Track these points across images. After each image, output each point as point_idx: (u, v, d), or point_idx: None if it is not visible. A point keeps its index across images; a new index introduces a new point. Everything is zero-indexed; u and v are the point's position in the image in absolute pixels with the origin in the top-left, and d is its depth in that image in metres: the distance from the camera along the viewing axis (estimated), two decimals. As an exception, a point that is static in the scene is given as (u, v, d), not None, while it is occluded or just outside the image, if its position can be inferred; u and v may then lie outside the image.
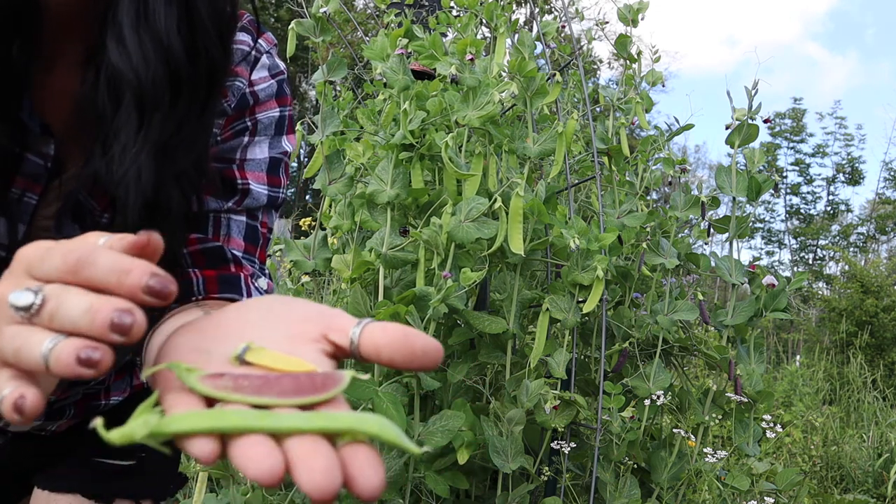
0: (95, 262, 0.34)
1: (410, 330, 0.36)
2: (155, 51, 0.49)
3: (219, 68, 0.55)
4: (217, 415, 0.31)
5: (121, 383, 0.77)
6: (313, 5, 1.45)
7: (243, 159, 0.67)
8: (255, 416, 0.31)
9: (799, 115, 18.93)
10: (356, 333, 0.37)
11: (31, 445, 0.75)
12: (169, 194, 0.53)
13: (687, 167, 1.83)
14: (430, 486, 1.40)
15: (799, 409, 4.12)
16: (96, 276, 0.34)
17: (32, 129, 0.54)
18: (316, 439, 0.31)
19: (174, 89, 0.51)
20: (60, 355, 0.31)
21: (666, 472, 1.66)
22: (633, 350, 1.73)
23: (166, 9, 0.50)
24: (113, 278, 0.33)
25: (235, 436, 0.31)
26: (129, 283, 0.33)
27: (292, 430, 0.31)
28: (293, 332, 0.39)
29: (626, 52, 1.90)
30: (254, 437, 0.31)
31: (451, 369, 1.53)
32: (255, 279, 0.68)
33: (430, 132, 1.55)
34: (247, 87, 0.67)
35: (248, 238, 0.68)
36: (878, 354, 6.09)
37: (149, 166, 0.50)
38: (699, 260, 1.80)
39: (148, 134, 0.50)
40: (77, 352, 0.31)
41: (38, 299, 0.33)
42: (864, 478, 3.25)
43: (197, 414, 0.32)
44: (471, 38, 1.62)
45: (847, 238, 17.05)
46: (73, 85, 0.55)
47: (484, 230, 1.45)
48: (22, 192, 0.56)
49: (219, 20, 0.54)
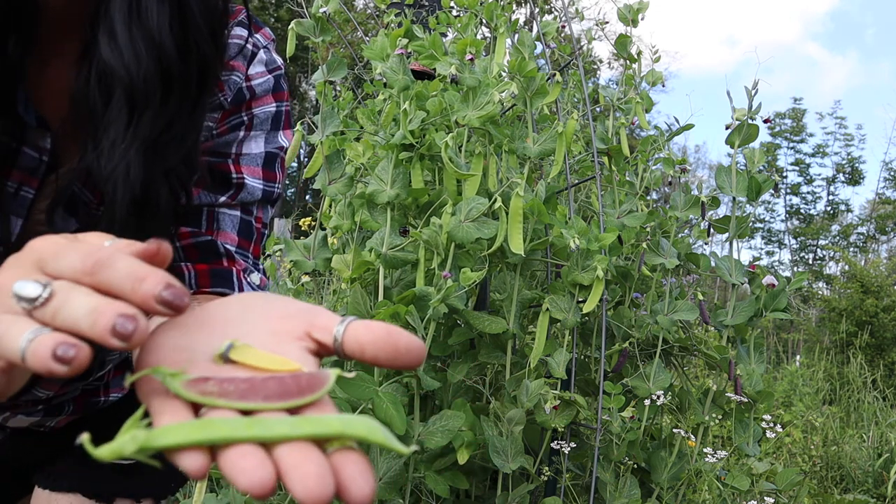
0: (113, 265, 0.34)
1: (394, 328, 0.36)
2: (147, 48, 0.49)
3: (210, 65, 0.55)
4: (205, 425, 0.31)
5: (119, 379, 0.77)
6: (313, 5, 1.45)
7: (239, 153, 0.67)
8: (244, 425, 0.31)
9: (799, 115, 18.94)
10: (340, 331, 0.37)
11: (30, 442, 0.75)
12: (157, 191, 0.52)
13: (687, 167, 1.83)
14: (430, 486, 1.40)
15: (799, 409, 4.12)
16: (112, 280, 0.34)
17: (29, 123, 0.54)
18: (306, 446, 0.31)
19: (165, 87, 0.51)
20: (38, 349, 0.31)
21: (666, 472, 1.66)
22: (633, 350, 1.73)
23: (158, 6, 0.50)
24: (128, 284, 0.33)
25: (224, 446, 0.30)
26: (143, 290, 0.33)
27: (281, 438, 0.31)
28: (276, 329, 0.38)
29: (626, 52, 1.90)
30: (243, 448, 0.30)
31: (451, 369, 1.53)
32: (248, 274, 0.68)
33: (430, 132, 1.55)
34: (243, 82, 0.67)
35: (241, 233, 0.68)
36: (878, 354, 6.09)
37: (137, 163, 0.50)
38: (699, 260, 1.81)
39: (137, 131, 0.50)
40: (54, 347, 0.31)
41: (46, 293, 0.33)
42: (864, 478, 3.25)
43: (185, 426, 0.31)
44: (471, 38, 1.62)
45: (847, 238, 17.05)
46: (70, 80, 0.55)
47: (484, 230, 1.45)
48: (19, 185, 0.56)
49: (211, 17, 0.54)
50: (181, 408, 0.33)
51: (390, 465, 1.33)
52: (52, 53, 0.56)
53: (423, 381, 1.37)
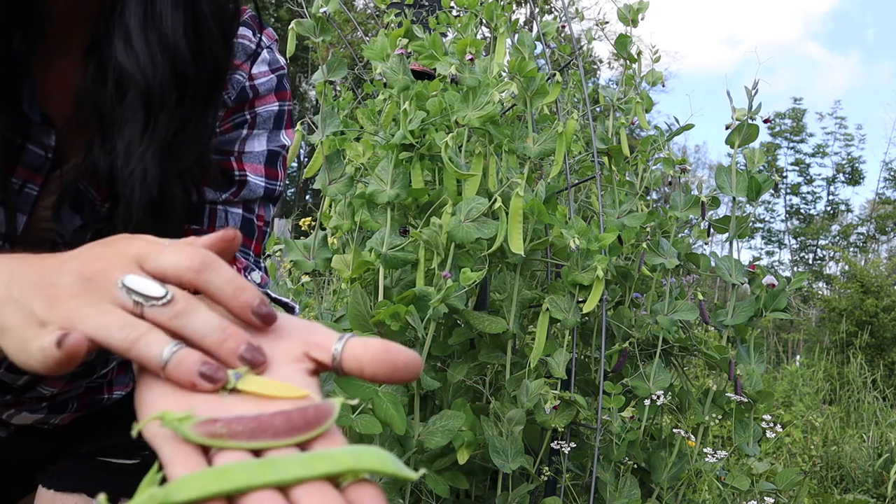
0: (218, 269, 0.36)
1: (392, 345, 0.37)
2: (162, 52, 0.50)
3: (222, 68, 0.56)
4: (220, 474, 0.31)
5: (124, 377, 0.77)
6: (313, 5, 1.45)
7: (241, 151, 0.68)
8: (259, 471, 0.31)
9: (799, 115, 18.94)
10: (338, 349, 0.38)
11: (33, 440, 0.75)
12: (173, 191, 0.53)
13: (687, 167, 1.83)
14: (430, 486, 1.40)
15: (799, 409, 4.12)
16: (215, 283, 0.36)
17: (33, 119, 0.55)
18: (321, 485, 0.31)
19: (180, 90, 0.51)
20: (184, 363, 0.33)
21: (666, 472, 1.66)
22: (633, 350, 1.73)
23: (173, 12, 0.51)
24: (229, 290, 0.36)
25: (242, 495, 0.31)
26: (243, 299, 0.36)
27: (297, 480, 0.31)
28: (274, 351, 0.39)
29: (626, 52, 1.90)
30: (262, 495, 0.31)
31: (451, 369, 1.53)
32: (249, 272, 0.68)
33: (430, 132, 1.55)
34: (247, 81, 0.67)
35: (243, 230, 0.68)
36: (878, 354, 6.09)
37: (154, 165, 0.51)
38: (699, 260, 1.81)
39: (154, 134, 0.51)
40: (201, 366, 0.33)
41: (168, 296, 0.35)
42: (864, 478, 3.25)
43: (200, 476, 0.31)
44: (471, 38, 1.62)
45: (847, 238, 17.05)
46: (75, 77, 0.55)
47: (484, 230, 1.45)
48: (23, 182, 0.56)
49: (222, 21, 0.55)
50: (192, 452, 0.33)
51: (390, 465, 1.33)
52: (57, 50, 0.56)
53: (423, 381, 1.37)
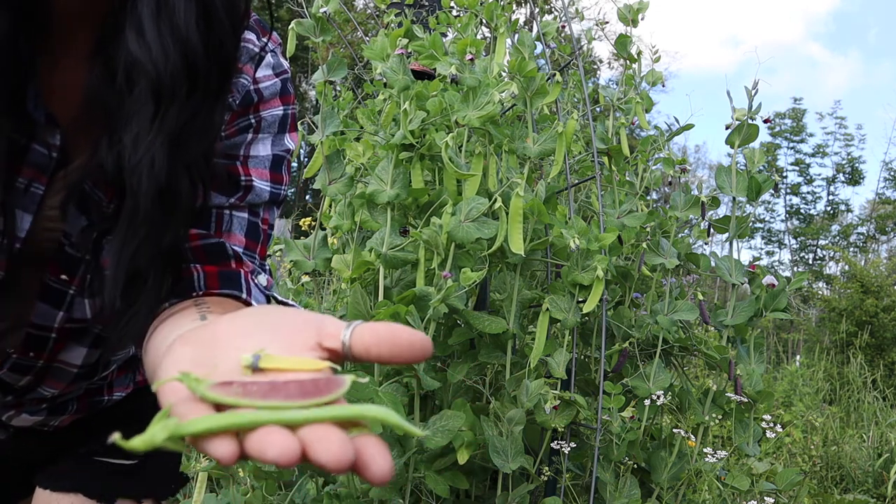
0: None
1: (397, 326, 0.38)
2: (174, 44, 0.51)
3: (231, 61, 0.56)
4: (232, 415, 0.33)
5: (123, 379, 0.77)
6: (313, 5, 1.45)
7: (247, 156, 0.68)
8: (268, 414, 0.33)
9: (799, 115, 18.93)
10: (347, 336, 0.39)
11: (33, 441, 0.75)
12: (180, 182, 0.54)
13: (687, 167, 1.83)
14: (430, 486, 1.40)
15: (799, 409, 4.12)
16: None
17: (38, 119, 0.55)
18: (327, 426, 0.33)
19: (190, 81, 0.52)
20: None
21: (666, 472, 1.66)
22: (633, 350, 1.73)
23: (186, 4, 0.51)
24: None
25: (251, 430, 0.33)
26: None
27: (304, 421, 0.33)
28: (288, 342, 0.40)
29: (626, 52, 1.90)
30: (269, 427, 0.33)
31: (451, 369, 1.53)
32: (255, 275, 0.68)
33: (430, 132, 1.55)
34: (251, 85, 0.67)
35: (249, 234, 0.69)
36: (878, 354, 6.08)
37: (162, 155, 0.51)
38: (699, 260, 1.81)
39: (163, 124, 0.51)
40: None
41: None
42: (864, 478, 3.26)
43: (212, 416, 0.33)
44: (471, 38, 1.62)
45: (847, 238, 17.04)
46: (81, 77, 0.56)
47: (484, 230, 1.45)
48: (28, 182, 0.57)
49: (233, 14, 0.55)
50: (207, 410, 0.35)
51: (390, 465, 1.33)
52: (63, 50, 0.56)
53: (423, 381, 1.37)
